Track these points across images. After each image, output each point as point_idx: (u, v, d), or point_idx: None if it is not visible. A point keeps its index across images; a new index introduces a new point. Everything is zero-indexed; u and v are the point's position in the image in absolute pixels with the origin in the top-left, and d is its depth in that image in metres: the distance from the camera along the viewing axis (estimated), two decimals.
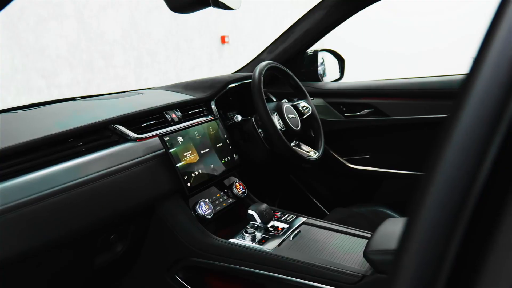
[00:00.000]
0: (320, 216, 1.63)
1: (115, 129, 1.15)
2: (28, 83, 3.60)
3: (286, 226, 1.25)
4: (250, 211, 1.21)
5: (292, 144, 1.46)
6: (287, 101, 1.56)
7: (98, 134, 1.11)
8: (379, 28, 6.57)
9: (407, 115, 1.70)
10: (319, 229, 1.24)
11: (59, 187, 0.92)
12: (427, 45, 6.20)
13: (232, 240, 1.17)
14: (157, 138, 1.18)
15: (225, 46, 5.98)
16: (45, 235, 0.90)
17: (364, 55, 6.34)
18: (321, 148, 1.51)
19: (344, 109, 1.84)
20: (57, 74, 3.82)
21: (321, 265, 1.04)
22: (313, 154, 1.46)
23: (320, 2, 1.71)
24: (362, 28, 6.09)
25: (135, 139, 1.16)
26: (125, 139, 1.15)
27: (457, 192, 0.31)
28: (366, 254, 0.96)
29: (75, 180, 0.96)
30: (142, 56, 4.69)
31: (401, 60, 6.32)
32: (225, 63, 5.92)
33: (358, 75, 2.32)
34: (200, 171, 1.23)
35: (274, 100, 1.73)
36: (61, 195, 0.92)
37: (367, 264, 1.00)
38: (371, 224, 1.49)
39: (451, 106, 0.34)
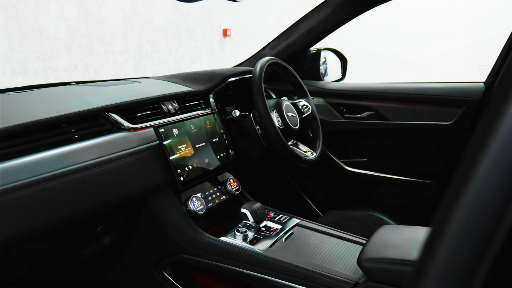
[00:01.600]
0: (314, 217, 1.60)
1: (109, 117, 1.11)
2: (25, 64, 3.54)
3: (279, 227, 1.22)
4: (243, 210, 1.18)
5: (289, 143, 1.43)
6: (287, 98, 1.53)
7: (91, 122, 1.08)
8: (384, 31, 6.54)
9: (408, 120, 1.68)
10: (313, 232, 1.22)
11: (47, 175, 0.89)
12: (431, 50, 6.18)
13: (223, 238, 1.14)
14: (151, 129, 1.15)
15: (227, 40, 5.93)
16: (30, 223, 0.87)
17: (366, 57, 6.31)
18: (319, 149, 1.48)
19: (344, 110, 1.81)
20: (55, 57, 3.76)
21: (313, 269, 1.01)
22: (311, 155, 1.44)
23: (326, 0, 1.68)
24: (366, 30, 6.05)
25: (129, 129, 1.13)
26: (118, 128, 1.12)
27: (488, 213, 0.28)
28: (360, 261, 0.94)
29: (64, 168, 0.93)
30: (142, 44, 4.64)
31: (403, 64, 6.30)
32: (225, 57, 5.87)
33: (358, 77, 2.29)
34: (194, 166, 1.20)
35: (274, 97, 1.70)
36: (48, 182, 0.89)
37: (360, 272, 0.97)
38: (365, 229, 1.47)
39: (483, 116, 0.30)
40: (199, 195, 1.23)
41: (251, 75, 1.34)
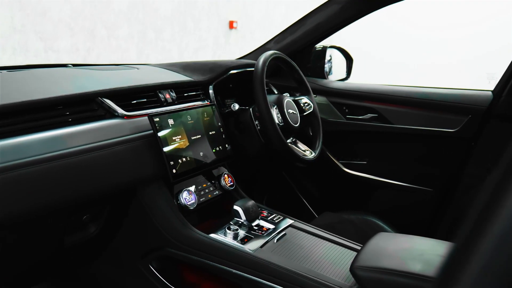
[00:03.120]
0: (309, 218, 1.57)
1: (103, 102, 1.07)
2: (26, 44, 3.49)
3: (271, 226, 1.18)
4: (235, 207, 1.14)
5: (288, 141, 1.39)
6: (288, 95, 1.49)
7: (83, 106, 1.04)
8: (393, 39, 6.47)
9: (411, 125, 1.63)
10: (306, 234, 1.18)
11: (33, 158, 0.85)
12: (442, 58, 6.13)
13: (212, 235, 1.10)
14: (146, 117, 1.10)
15: (233, 32, 5.87)
16: (13, 208, 0.83)
17: (375, 64, 6.24)
18: (318, 149, 1.44)
19: (346, 110, 1.77)
20: (57, 39, 3.71)
21: (304, 274, 0.98)
22: (309, 154, 1.40)
23: None
24: (376, 37, 6.01)
25: (123, 116, 1.08)
26: (112, 114, 1.07)
27: None
28: (352, 269, 0.90)
29: (52, 152, 0.89)
30: (146, 31, 4.58)
31: (411, 70, 6.24)
32: (230, 49, 5.81)
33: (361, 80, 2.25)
34: (188, 158, 1.16)
35: (276, 92, 1.66)
36: (34, 166, 0.85)
37: (352, 279, 0.93)
38: (360, 233, 1.43)
39: None
40: (191, 188, 1.19)
41: (253, 68, 1.30)
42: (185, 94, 1.34)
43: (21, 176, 0.83)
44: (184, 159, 1.14)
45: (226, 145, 1.32)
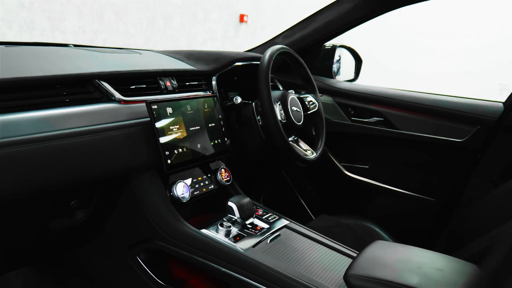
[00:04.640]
0: (305, 219, 1.53)
1: (100, 85, 1.03)
2: (32, 22, 3.45)
3: (266, 226, 1.14)
4: (230, 203, 1.11)
5: (290, 139, 1.35)
6: (293, 92, 1.44)
7: (79, 88, 1.00)
8: (405, 48, 6.39)
9: (417, 132, 1.59)
10: (301, 236, 1.14)
11: (22, 138, 0.81)
12: (450, 67, 6.07)
13: (204, 230, 1.06)
14: (144, 104, 1.06)
15: (243, 25, 5.82)
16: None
17: (379, 68, 6.17)
18: (320, 149, 1.40)
19: (352, 112, 1.72)
20: (64, 19, 3.67)
21: (295, 277, 0.94)
22: (310, 154, 1.36)
23: None
24: (382, 41, 5.95)
25: (120, 101, 1.05)
26: (108, 98, 1.04)
27: None
28: (346, 277, 0.86)
29: (42, 133, 0.85)
30: (156, 18, 4.54)
31: (422, 80, 6.18)
32: (239, 43, 5.76)
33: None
34: (185, 149, 1.12)
35: (281, 88, 1.62)
36: (22, 146, 0.81)
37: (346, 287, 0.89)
38: (357, 239, 1.39)
39: None
40: (185, 181, 1.15)
41: (259, 62, 1.26)
42: (186, 83, 1.30)
43: (10, 155, 0.79)
44: (180, 150, 1.11)
45: (226, 139, 1.28)
